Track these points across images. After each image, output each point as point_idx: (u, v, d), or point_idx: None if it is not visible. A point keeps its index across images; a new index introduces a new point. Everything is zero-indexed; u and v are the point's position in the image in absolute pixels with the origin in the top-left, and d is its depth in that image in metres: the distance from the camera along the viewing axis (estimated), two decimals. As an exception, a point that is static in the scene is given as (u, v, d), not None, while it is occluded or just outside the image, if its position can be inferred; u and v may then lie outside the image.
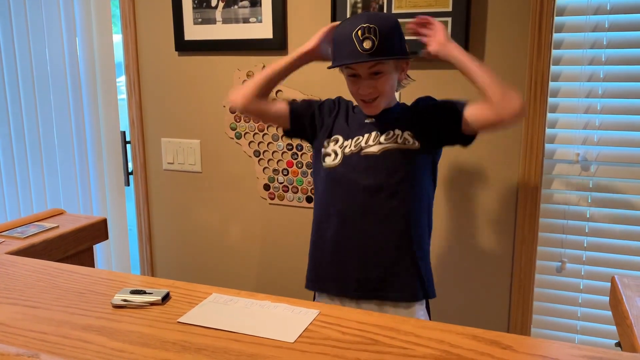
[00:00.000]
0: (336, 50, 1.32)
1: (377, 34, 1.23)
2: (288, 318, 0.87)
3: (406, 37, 1.33)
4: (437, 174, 1.42)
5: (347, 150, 1.35)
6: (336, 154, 1.37)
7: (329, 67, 1.32)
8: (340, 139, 1.38)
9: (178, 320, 0.86)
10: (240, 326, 0.84)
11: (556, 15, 1.61)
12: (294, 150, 1.94)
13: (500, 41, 1.65)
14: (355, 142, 1.35)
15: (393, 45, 1.27)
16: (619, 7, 1.57)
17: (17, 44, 2.35)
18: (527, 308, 1.75)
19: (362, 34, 1.23)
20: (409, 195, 1.32)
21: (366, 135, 1.35)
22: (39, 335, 0.82)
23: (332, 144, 1.39)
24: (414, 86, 1.75)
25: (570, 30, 1.62)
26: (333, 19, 1.77)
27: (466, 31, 1.64)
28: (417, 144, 1.32)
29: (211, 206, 2.13)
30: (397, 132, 1.33)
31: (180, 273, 2.23)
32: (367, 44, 1.23)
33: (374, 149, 1.33)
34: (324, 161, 1.38)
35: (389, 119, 1.36)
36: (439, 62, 1.71)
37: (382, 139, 1.33)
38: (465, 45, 1.64)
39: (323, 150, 1.39)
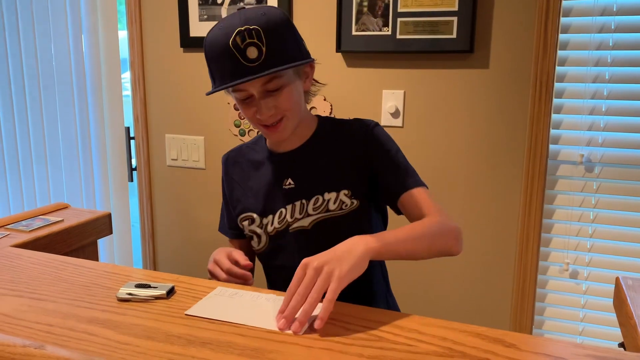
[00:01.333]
0: (214, 70, 1.00)
1: (262, 36, 0.93)
2: (293, 313, 0.87)
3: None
4: (387, 214, 1.17)
5: (270, 228, 1.10)
6: (259, 237, 1.12)
7: (208, 94, 1.00)
8: (255, 216, 1.12)
9: (185, 312, 0.86)
10: (247, 318, 0.84)
11: (562, 16, 1.61)
12: (298, 148, 1.94)
13: (506, 41, 1.65)
14: (279, 217, 1.09)
15: (286, 47, 0.97)
16: (626, 9, 1.57)
17: (22, 40, 2.36)
18: (529, 309, 1.75)
19: (242, 40, 0.93)
20: None
21: (289, 207, 1.08)
22: (45, 327, 0.82)
23: (246, 223, 1.13)
24: (418, 86, 1.76)
25: (576, 31, 1.63)
26: (339, 17, 1.77)
27: (472, 31, 1.64)
28: (355, 202, 1.06)
29: (214, 203, 2.13)
30: (329, 196, 1.06)
31: (183, 269, 2.24)
32: (251, 53, 0.93)
33: (304, 222, 1.08)
34: (252, 245, 1.15)
35: (313, 165, 1.09)
36: (439, 61, 1.72)
37: (309, 208, 1.07)
38: (471, 45, 1.64)
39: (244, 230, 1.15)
